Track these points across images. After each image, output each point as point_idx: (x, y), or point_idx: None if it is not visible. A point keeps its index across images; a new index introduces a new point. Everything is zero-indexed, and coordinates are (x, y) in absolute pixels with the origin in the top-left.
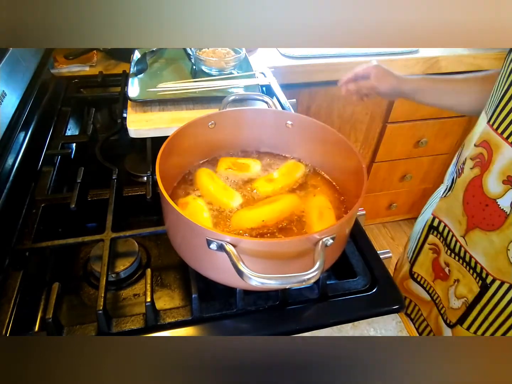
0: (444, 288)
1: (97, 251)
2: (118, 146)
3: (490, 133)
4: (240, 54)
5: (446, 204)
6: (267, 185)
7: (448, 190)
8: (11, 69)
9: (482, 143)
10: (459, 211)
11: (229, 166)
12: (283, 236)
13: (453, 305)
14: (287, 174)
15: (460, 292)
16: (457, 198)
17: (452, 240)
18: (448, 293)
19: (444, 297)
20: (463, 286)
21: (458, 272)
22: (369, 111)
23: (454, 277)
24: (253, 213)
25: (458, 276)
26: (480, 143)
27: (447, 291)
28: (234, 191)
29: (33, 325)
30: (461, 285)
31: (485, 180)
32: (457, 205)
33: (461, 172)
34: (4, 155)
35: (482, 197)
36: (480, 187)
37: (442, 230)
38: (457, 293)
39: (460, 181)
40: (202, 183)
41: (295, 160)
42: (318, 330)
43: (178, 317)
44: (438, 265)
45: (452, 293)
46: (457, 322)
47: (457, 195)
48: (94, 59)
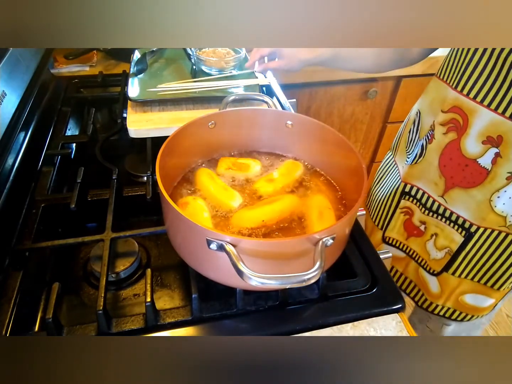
0: (421, 243)
1: (97, 251)
2: (118, 146)
3: (460, 98)
4: (240, 54)
5: (417, 170)
6: (268, 186)
7: (419, 157)
8: (11, 69)
9: (452, 108)
10: (435, 174)
11: (229, 166)
12: (283, 236)
13: (435, 257)
14: (287, 174)
15: (442, 244)
16: (430, 162)
17: (428, 201)
18: (426, 247)
19: (422, 250)
20: (444, 239)
21: (436, 227)
22: (369, 111)
23: (431, 232)
24: (253, 213)
25: (435, 231)
26: (450, 109)
27: (424, 245)
28: (234, 191)
29: (33, 325)
30: (441, 238)
31: (463, 143)
32: (431, 169)
33: (431, 138)
34: (4, 155)
35: (461, 158)
36: (458, 149)
37: (415, 194)
38: (437, 245)
39: (433, 147)
40: (202, 183)
41: (293, 159)
42: (318, 330)
43: (178, 317)
44: (411, 224)
45: (431, 246)
46: (443, 270)
47: (431, 160)
48: (94, 59)
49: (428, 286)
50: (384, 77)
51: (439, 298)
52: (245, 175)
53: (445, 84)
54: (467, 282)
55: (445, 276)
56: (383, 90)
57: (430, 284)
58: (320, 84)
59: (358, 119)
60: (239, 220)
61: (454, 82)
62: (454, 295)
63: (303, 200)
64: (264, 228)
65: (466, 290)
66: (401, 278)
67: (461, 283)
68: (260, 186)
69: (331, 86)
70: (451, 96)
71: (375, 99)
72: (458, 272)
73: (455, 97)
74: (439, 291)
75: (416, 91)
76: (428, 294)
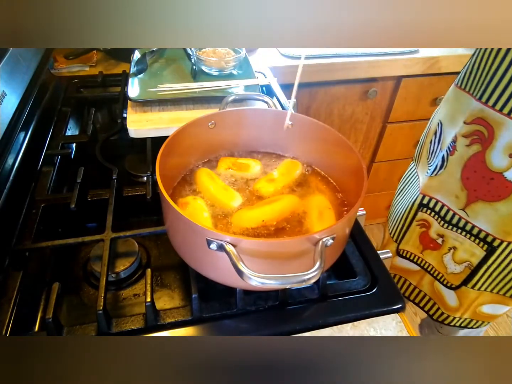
0: (437, 256)
1: (97, 251)
2: (118, 146)
3: (485, 110)
4: (240, 54)
5: (438, 182)
6: (269, 186)
7: (439, 168)
8: (11, 69)
9: (476, 120)
10: (456, 187)
11: (229, 166)
12: (283, 236)
13: (454, 270)
14: (287, 173)
15: (461, 258)
16: (452, 174)
17: (448, 213)
18: (443, 260)
19: (439, 264)
20: (463, 252)
21: (455, 241)
22: (369, 111)
23: (449, 246)
24: (253, 213)
25: (454, 244)
26: (473, 120)
27: (440, 259)
28: (234, 192)
29: (33, 325)
30: (460, 252)
31: (488, 155)
32: (453, 181)
33: (453, 150)
34: (4, 155)
35: (486, 171)
36: (482, 162)
37: (433, 206)
38: (456, 259)
39: (455, 159)
40: (202, 183)
41: (291, 159)
42: (318, 330)
43: (178, 317)
44: (427, 237)
45: (449, 259)
46: (462, 284)
47: (452, 172)
48: (94, 59)
49: (445, 300)
50: (384, 77)
51: (457, 311)
52: (245, 175)
53: (468, 95)
54: (487, 294)
55: (464, 290)
56: (383, 90)
57: (447, 298)
58: (320, 84)
59: (358, 119)
60: (239, 220)
61: (477, 92)
62: (472, 306)
63: (303, 200)
64: (264, 228)
65: (484, 301)
66: (415, 291)
67: (480, 295)
68: (261, 186)
69: (331, 86)
70: (475, 107)
71: (375, 99)
72: (478, 285)
73: (479, 109)
74: (457, 305)
75: (416, 91)
76: (445, 308)
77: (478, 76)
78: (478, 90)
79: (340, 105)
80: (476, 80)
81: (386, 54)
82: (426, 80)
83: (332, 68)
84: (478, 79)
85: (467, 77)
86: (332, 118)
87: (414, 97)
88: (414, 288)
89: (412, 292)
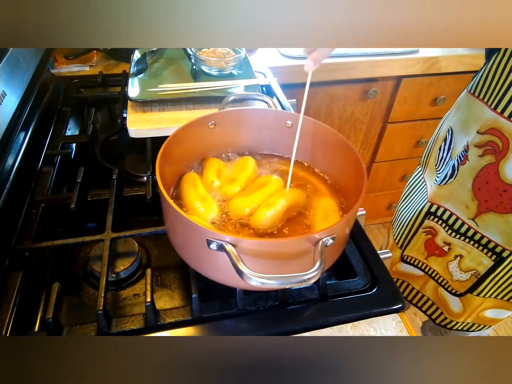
0: (442, 263)
1: (97, 251)
2: (118, 146)
3: (500, 120)
4: (240, 54)
5: (447, 191)
6: (233, 186)
7: (449, 177)
8: (11, 69)
9: (490, 130)
10: (467, 196)
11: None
12: (286, 232)
13: (459, 278)
14: (243, 169)
15: (467, 266)
16: (463, 184)
17: (456, 222)
18: (448, 267)
19: (444, 270)
20: (470, 261)
21: (461, 249)
22: (369, 111)
23: (456, 253)
24: (249, 200)
25: (460, 252)
26: (487, 131)
27: (445, 265)
28: (212, 202)
29: (33, 325)
30: (467, 260)
31: (502, 167)
32: (463, 191)
33: (464, 159)
34: (4, 155)
35: (499, 183)
36: (495, 173)
37: (441, 214)
38: (462, 267)
39: (467, 168)
40: (183, 189)
41: (240, 157)
42: (318, 330)
43: (178, 317)
44: (433, 244)
45: (454, 267)
46: (467, 291)
47: (463, 182)
48: (94, 59)
49: (449, 306)
50: (384, 77)
51: (460, 317)
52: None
53: (482, 103)
54: (491, 299)
55: (469, 297)
56: (383, 90)
57: (451, 304)
58: (320, 84)
59: (358, 119)
60: (236, 207)
61: (492, 102)
62: (476, 312)
63: (308, 199)
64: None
65: (488, 306)
66: (418, 295)
67: (484, 301)
68: (226, 189)
69: (331, 86)
70: (489, 116)
71: (375, 99)
72: (483, 293)
73: (493, 119)
74: (461, 311)
75: (416, 91)
76: (448, 313)
77: (494, 85)
78: (493, 99)
79: (340, 105)
80: (491, 89)
81: (386, 54)
82: (426, 80)
83: (332, 68)
84: (493, 87)
85: (481, 84)
86: (332, 118)
87: (414, 97)
88: (417, 292)
89: (415, 296)
